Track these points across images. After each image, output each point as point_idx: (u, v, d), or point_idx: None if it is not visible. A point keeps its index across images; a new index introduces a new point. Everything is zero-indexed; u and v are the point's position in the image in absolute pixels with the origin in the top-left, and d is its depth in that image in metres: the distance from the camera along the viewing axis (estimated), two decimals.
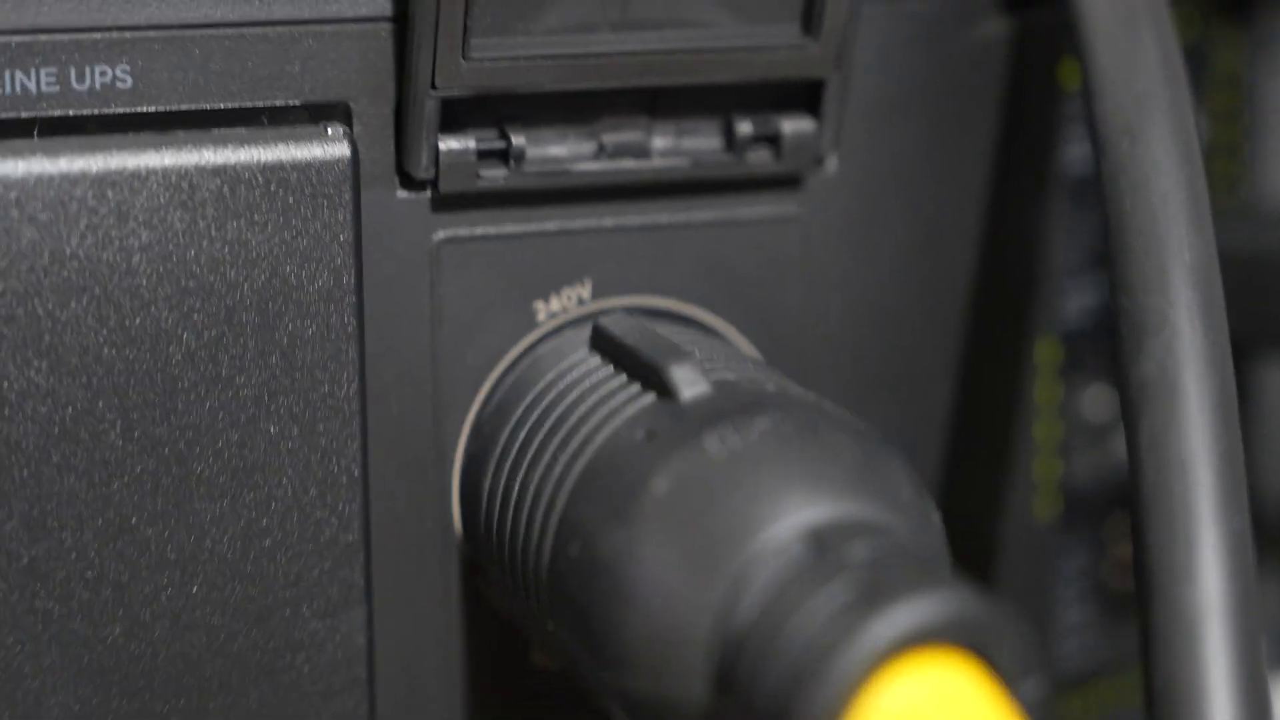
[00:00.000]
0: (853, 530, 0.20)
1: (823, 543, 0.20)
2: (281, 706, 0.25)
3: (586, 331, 0.25)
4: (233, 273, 0.23)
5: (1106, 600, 0.32)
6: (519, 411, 0.25)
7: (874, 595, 0.18)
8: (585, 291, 0.26)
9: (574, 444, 0.23)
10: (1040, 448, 0.30)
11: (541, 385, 0.25)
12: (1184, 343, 0.21)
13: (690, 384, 0.22)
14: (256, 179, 0.23)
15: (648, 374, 0.23)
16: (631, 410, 0.23)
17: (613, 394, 0.24)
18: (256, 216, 0.23)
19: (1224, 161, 0.35)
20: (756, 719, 0.19)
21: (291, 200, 0.24)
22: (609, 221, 0.26)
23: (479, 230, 0.25)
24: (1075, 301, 0.31)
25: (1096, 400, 0.31)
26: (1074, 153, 0.29)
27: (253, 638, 0.25)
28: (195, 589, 0.24)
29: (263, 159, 0.23)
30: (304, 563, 0.25)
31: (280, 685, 0.25)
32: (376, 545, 0.25)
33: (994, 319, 0.29)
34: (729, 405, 0.22)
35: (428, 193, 0.25)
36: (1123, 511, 0.31)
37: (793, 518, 0.20)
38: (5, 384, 0.22)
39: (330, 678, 0.25)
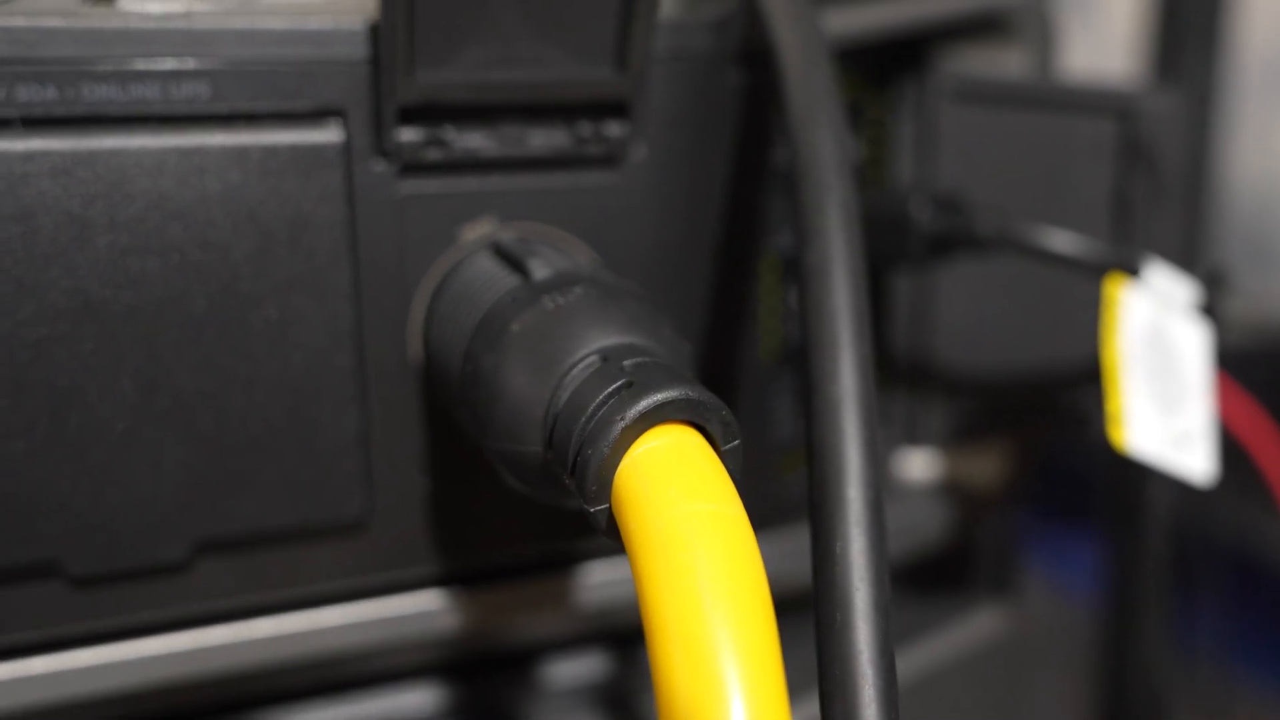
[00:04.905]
0: (629, 351, 0.23)
1: (609, 358, 0.23)
2: (306, 464, 0.28)
3: (490, 246, 0.29)
4: (272, 207, 0.27)
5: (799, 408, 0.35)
6: (452, 289, 0.28)
7: (638, 386, 0.21)
8: (491, 224, 0.29)
9: (476, 305, 0.27)
10: (765, 320, 0.34)
11: (464, 274, 0.28)
12: (834, 244, 0.24)
13: (540, 270, 0.26)
14: (289, 152, 0.26)
15: (518, 266, 0.27)
16: (507, 285, 0.26)
17: (500, 278, 0.27)
18: (289, 175, 0.26)
19: (874, 168, 0.40)
20: (566, 464, 0.22)
21: (311, 166, 0.27)
22: (506, 184, 0.29)
23: (428, 188, 0.28)
24: (786, 239, 0.35)
25: (796, 294, 0.34)
26: (781, 156, 0.33)
27: (283, 421, 0.27)
28: (253, 395, 0.27)
29: (293, 140, 0.27)
30: (321, 376, 0.28)
31: (304, 449, 0.28)
32: (370, 368, 0.28)
33: (740, 244, 0.32)
34: (561, 281, 0.25)
35: (395, 165, 0.28)
36: None
37: (593, 344, 0.23)
38: (129, 270, 0.25)
39: (338, 441, 0.28)
